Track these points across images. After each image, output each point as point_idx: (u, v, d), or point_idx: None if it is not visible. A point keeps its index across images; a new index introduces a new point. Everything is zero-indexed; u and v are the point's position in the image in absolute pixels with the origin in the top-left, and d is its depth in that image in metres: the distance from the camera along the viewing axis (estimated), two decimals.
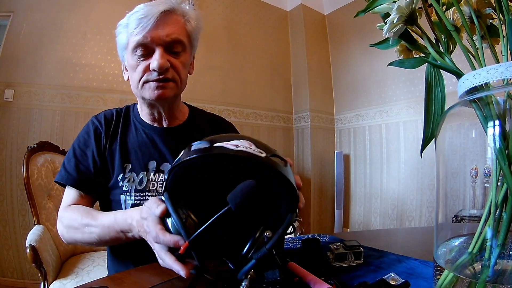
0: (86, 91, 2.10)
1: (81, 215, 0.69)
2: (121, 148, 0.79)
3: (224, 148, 0.43)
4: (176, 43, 0.73)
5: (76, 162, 0.77)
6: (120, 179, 0.77)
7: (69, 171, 0.76)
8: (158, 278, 0.51)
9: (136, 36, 0.69)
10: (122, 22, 0.74)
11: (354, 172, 2.98)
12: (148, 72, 0.72)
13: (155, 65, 0.70)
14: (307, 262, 0.53)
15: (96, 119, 0.83)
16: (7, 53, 1.93)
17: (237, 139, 0.45)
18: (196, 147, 0.45)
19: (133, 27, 0.70)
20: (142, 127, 0.83)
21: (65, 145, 1.87)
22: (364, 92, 2.92)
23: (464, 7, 0.39)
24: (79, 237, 0.69)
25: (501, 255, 0.33)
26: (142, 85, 0.74)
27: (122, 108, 0.88)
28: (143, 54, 0.71)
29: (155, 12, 0.69)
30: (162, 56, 0.70)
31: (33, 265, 1.15)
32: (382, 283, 0.43)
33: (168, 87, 0.73)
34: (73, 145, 0.80)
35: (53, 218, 1.51)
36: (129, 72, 0.77)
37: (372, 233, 1.31)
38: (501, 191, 0.33)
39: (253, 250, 0.42)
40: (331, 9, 3.24)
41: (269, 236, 0.42)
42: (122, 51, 0.77)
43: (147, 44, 0.70)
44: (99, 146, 0.79)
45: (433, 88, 0.42)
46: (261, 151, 0.44)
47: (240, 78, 2.85)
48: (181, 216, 0.44)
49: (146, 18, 0.69)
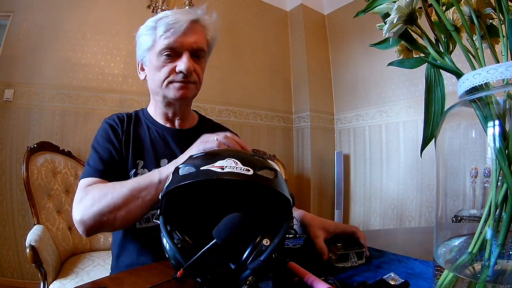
0: (85, 91, 2.09)
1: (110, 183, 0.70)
2: (134, 145, 0.82)
3: (210, 172, 0.43)
4: (200, 50, 0.80)
5: (99, 157, 0.77)
6: (132, 175, 0.78)
7: (94, 166, 0.75)
8: (158, 278, 0.51)
9: (166, 40, 0.75)
10: (148, 25, 0.79)
11: (354, 172, 2.98)
12: (174, 74, 0.78)
13: (183, 68, 0.76)
14: (307, 262, 0.53)
15: (109, 119, 0.87)
16: (7, 53, 1.92)
17: (221, 159, 0.45)
18: (183, 172, 0.45)
19: (163, 30, 0.75)
20: (154, 126, 0.87)
21: (65, 145, 1.87)
22: (364, 92, 2.92)
23: (464, 7, 0.39)
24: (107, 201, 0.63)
25: (501, 255, 0.33)
26: (167, 84, 0.79)
27: (131, 112, 0.92)
28: (170, 56, 0.77)
29: (185, 20, 0.76)
30: (189, 60, 0.77)
31: (33, 265, 1.16)
32: (382, 283, 0.43)
33: (190, 88, 0.81)
34: (93, 146, 0.81)
35: (53, 218, 1.51)
36: (151, 71, 0.81)
37: (372, 233, 1.31)
38: (501, 191, 0.33)
39: (251, 259, 0.43)
40: (331, 9, 3.24)
41: (266, 245, 0.43)
42: (144, 52, 0.81)
43: (176, 48, 0.76)
44: (118, 138, 0.82)
45: (433, 88, 0.42)
46: (248, 168, 0.43)
47: (240, 78, 2.85)
48: (176, 242, 0.44)
49: (177, 24, 0.75)
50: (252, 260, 0.43)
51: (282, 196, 0.45)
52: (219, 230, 0.42)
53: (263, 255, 0.42)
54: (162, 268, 0.55)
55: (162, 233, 0.45)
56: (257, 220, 0.48)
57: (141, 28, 0.81)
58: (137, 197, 0.63)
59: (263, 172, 0.45)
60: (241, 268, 0.43)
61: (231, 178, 0.42)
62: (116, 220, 0.64)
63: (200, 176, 0.43)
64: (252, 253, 0.43)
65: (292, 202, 0.47)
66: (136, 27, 0.84)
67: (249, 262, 0.43)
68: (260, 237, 0.44)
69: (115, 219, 0.63)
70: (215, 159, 0.45)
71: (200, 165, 0.44)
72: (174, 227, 0.47)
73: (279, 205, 0.47)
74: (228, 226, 0.42)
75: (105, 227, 0.66)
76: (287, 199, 0.45)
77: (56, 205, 1.57)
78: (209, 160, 0.45)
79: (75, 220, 0.66)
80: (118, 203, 0.63)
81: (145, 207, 0.64)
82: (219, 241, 0.42)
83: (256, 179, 0.43)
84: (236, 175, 0.42)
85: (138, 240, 0.78)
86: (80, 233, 0.67)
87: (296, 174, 3.06)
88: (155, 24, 0.77)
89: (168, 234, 0.45)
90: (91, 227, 0.65)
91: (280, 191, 0.44)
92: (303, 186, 2.99)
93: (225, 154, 0.46)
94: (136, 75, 0.91)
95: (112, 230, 0.74)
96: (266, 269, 0.42)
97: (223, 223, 0.43)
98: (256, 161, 0.47)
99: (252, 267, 0.42)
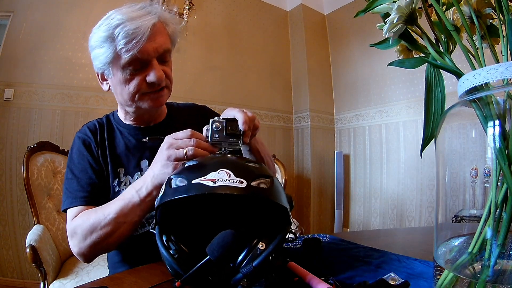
0: (85, 90, 2.10)
1: (93, 211, 0.68)
2: (111, 155, 0.79)
3: (202, 186, 0.42)
4: (166, 52, 0.74)
5: (77, 181, 0.75)
6: (116, 185, 0.77)
7: (74, 192, 0.73)
8: (158, 278, 0.51)
9: (130, 52, 0.67)
10: (103, 35, 0.68)
11: (354, 172, 2.98)
12: (144, 85, 0.72)
13: (154, 79, 0.71)
14: (307, 262, 0.53)
15: (80, 133, 0.83)
16: (7, 53, 1.93)
17: (213, 170, 0.43)
18: (176, 185, 0.45)
19: (124, 42, 0.66)
20: (126, 130, 0.84)
21: (65, 145, 1.87)
22: (364, 92, 2.92)
23: (464, 7, 0.39)
24: (98, 234, 0.64)
25: (501, 255, 0.33)
26: (139, 97, 0.74)
27: (102, 118, 0.88)
28: (138, 67, 0.71)
29: (146, 26, 0.67)
30: (159, 69, 0.71)
31: (33, 265, 1.15)
32: (381, 283, 0.43)
33: (164, 95, 0.77)
34: (68, 166, 0.78)
35: (53, 217, 1.51)
36: (117, 85, 0.74)
37: (372, 233, 1.31)
38: (501, 191, 0.33)
39: (245, 262, 0.43)
40: (331, 9, 3.24)
41: (262, 249, 0.43)
42: (105, 65, 0.72)
43: (142, 58, 0.69)
44: (93, 155, 0.78)
45: (433, 88, 0.42)
46: (242, 179, 0.42)
47: (240, 78, 2.85)
48: (172, 253, 0.44)
49: (139, 31, 0.66)
50: (246, 264, 0.43)
51: (276, 205, 0.44)
52: (212, 247, 0.42)
53: (256, 260, 0.42)
54: (162, 268, 0.55)
55: (158, 244, 0.45)
56: (253, 229, 0.48)
57: (93, 38, 0.71)
58: (123, 222, 0.63)
59: (257, 181, 0.44)
60: (235, 270, 0.43)
61: (224, 192, 0.41)
62: (111, 245, 0.66)
63: (191, 191, 0.42)
64: (247, 256, 0.43)
65: (290, 207, 0.47)
66: None
67: (243, 266, 0.43)
68: (256, 241, 0.44)
69: (109, 245, 0.66)
70: (208, 171, 0.44)
71: (192, 178, 0.43)
72: (170, 235, 0.47)
73: (276, 212, 0.47)
74: (221, 244, 0.41)
75: (102, 252, 0.69)
76: (283, 207, 0.45)
77: (56, 205, 1.57)
78: (201, 171, 0.44)
79: (74, 253, 0.69)
80: (108, 232, 0.64)
81: (134, 226, 0.65)
82: (213, 259, 0.41)
83: (250, 191, 0.42)
84: (229, 189, 0.41)
85: (134, 247, 0.77)
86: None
87: (296, 174, 3.06)
88: (111, 34, 0.67)
89: (164, 245, 0.45)
90: (90, 257, 0.68)
91: (276, 201, 0.43)
92: (303, 186, 3.00)
93: (218, 164, 0.45)
94: None
95: (110, 251, 0.76)
96: (258, 274, 0.42)
97: (216, 240, 0.42)
98: (250, 170, 0.45)
99: (244, 272, 0.41)
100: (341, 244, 0.73)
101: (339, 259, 0.62)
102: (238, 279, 0.42)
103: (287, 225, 0.46)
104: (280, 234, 0.44)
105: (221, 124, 0.57)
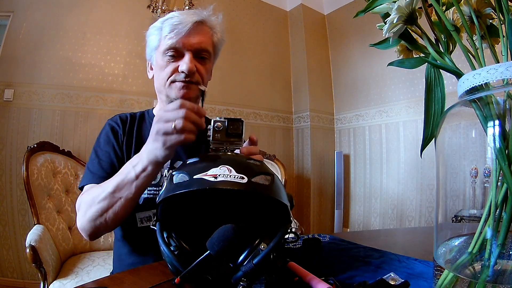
0: (86, 91, 2.09)
1: (97, 186, 0.70)
2: (137, 144, 0.83)
3: (204, 181, 0.42)
4: (203, 51, 0.80)
5: (99, 162, 0.79)
6: None
7: (94, 172, 0.77)
8: (158, 278, 0.51)
9: (170, 40, 0.76)
10: (155, 25, 0.81)
11: (354, 172, 2.98)
12: (176, 73, 0.78)
13: (184, 68, 0.76)
14: (307, 262, 0.53)
15: (112, 120, 0.88)
16: (7, 53, 1.92)
17: (215, 166, 0.44)
18: (177, 181, 0.45)
19: (167, 31, 0.76)
20: None
21: (65, 145, 1.87)
22: (364, 92, 2.92)
23: (464, 7, 0.39)
24: (95, 207, 0.66)
25: (501, 255, 0.33)
26: (169, 84, 0.80)
27: (136, 112, 0.93)
28: (174, 56, 0.78)
29: (189, 21, 0.77)
30: (191, 61, 0.77)
31: (33, 265, 1.16)
32: (381, 283, 0.43)
33: (192, 89, 0.80)
34: (94, 148, 0.83)
35: (53, 218, 1.51)
36: (156, 71, 0.83)
37: (372, 233, 1.31)
38: (501, 191, 0.33)
39: (247, 261, 0.43)
40: (331, 9, 3.24)
41: (263, 249, 0.43)
42: (152, 51, 0.83)
43: (178, 48, 0.77)
44: (118, 141, 0.83)
45: (433, 88, 0.42)
46: (243, 175, 0.43)
47: (240, 78, 2.85)
48: (173, 249, 0.45)
49: (181, 25, 0.76)
50: (247, 262, 0.43)
51: (277, 202, 0.45)
52: (212, 242, 0.42)
53: (256, 258, 0.42)
54: (162, 268, 0.55)
55: (159, 241, 0.46)
56: (253, 226, 0.48)
57: (150, 27, 0.83)
58: (119, 198, 0.64)
59: (258, 178, 0.44)
60: (236, 269, 0.44)
61: (225, 187, 0.42)
62: (107, 222, 0.66)
63: (193, 186, 0.43)
64: (248, 256, 0.43)
65: (291, 206, 0.47)
66: (136, 27, 0.84)
67: (244, 265, 0.43)
68: (258, 241, 0.45)
69: (106, 222, 0.66)
70: (209, 166, 0.44)
71: (193, 173, 0.44)
72: (171, 231, 0.47)
73: (276, 210, 0.47)
74: (221, 238, 0.42)
75: (101, 230, 0.69)
76: (283, 205, 0.45)
77: (56, 205, 1.57)
78: (203, 167, 0.45)
79: (78, 228, 0.71)
80: (104, 207, 0.65)
81: (128, 206, 0.65)
82: (213, 253, 0.42)
83: (251, 187, 0.43)
84: (230, 184, 0.42)
85: (140, 239, 0.78)
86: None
87: (296, 174, 3.06)
88: (162, 25, 0.79)
89: (165, 242, 0.45)
90: (90, 233, 0.69)
91: (276, 198, 0.44)
92: (303, 186, 2.99)
93: (219, 161, 0.46)
94: (135, 75, 0.92)
95: (108, 231, 0.75)
96: (259, 273, 0.42)
97: (216, 235, 0.42)
98: (251, 167, 0.46)
99: (244, 270, 0.42)
100: (341, 244, 0.73)
101: (339, 259, 0.62)
102: (238, 277, 0.42)
103: (288, 223, 0.46)
104: (280, 231, 0.45)
105: (223, 124, 0.58)
